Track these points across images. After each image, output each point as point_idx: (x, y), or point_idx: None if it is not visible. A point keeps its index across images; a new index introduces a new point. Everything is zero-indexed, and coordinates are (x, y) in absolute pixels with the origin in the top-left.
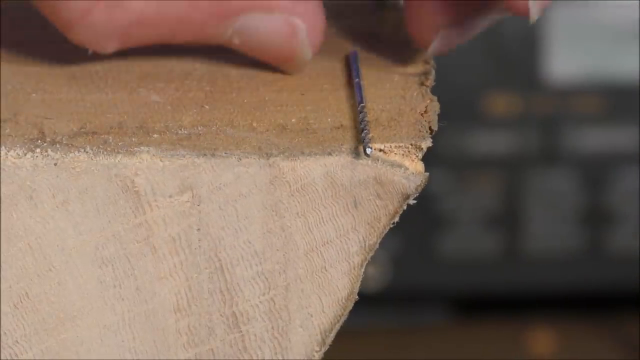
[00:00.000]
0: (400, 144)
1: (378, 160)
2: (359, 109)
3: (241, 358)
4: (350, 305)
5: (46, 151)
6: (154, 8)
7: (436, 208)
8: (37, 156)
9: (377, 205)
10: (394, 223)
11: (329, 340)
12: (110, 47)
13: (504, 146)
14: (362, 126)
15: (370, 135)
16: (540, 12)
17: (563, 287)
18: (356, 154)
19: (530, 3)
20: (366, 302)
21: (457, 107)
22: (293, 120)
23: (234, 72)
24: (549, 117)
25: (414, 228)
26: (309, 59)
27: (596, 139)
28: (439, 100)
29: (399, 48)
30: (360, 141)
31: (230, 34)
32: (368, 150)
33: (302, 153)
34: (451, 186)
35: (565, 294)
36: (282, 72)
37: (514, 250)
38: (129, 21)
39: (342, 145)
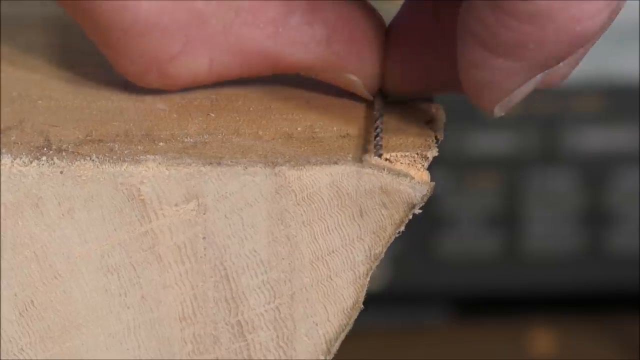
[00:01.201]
0: (406, 153)
1: (384, 169)
2: (377, 114)
3: None
4: (356, 315)
5: (52, 159)
6: (205, 74)
7: (436, 208)
8: (43, 164)
9: (382, 215)
10: (399, 232)
11: (334, 350)
12: (173, 90)
13: (504, 146)
14: (376, 132)
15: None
16: (503, 112)
17: (563, 287)
18: (361, 163)
19: (497, 108)
20: (366, 302)
21: (457, 107)
22: (299, 128)
23: (240, 80)
24: (549, 117)
25: (414, 228)
26: (371, 98)
27: (596, 139)
28: (439, 100)
29: None
30: (370, 149)
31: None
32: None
33: (308, 162)
34: (451, 186)
35: (565, 294)
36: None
37: (514, 250)
38: (184, 84)
39: (348, 154)
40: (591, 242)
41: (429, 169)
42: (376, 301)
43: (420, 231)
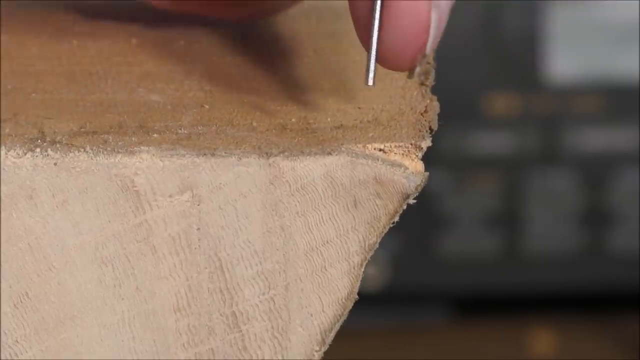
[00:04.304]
0: (400, 144)
1: (378, 159)
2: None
3: (241, 358)
4: (350, 305)
5: (46, 151)
6: None
7: (436, 208)
8: (37, 156)
9: (376, 205)
10: (394, 223)
11: (329, 340)
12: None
13: (504, 146)
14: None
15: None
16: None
17: (563, 287)
18: (356, 153)
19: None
20: (366, 302)
21: (457, 107)
22: (293, 119)
23: (234, 72)
24: (549, 117)
25: (414, 228)
26: None
27: (596, 139)
28: (439, 100)
29: None
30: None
31: None
32: (370, 81)
33: (302, 152)
34: (451, 186)
35: (565, 294)
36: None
37: (514, 250)
38: None
39: (341, 144)
40: (591, 242)
41: (429, 166)
42: (376, 301)
43: (420, 231)
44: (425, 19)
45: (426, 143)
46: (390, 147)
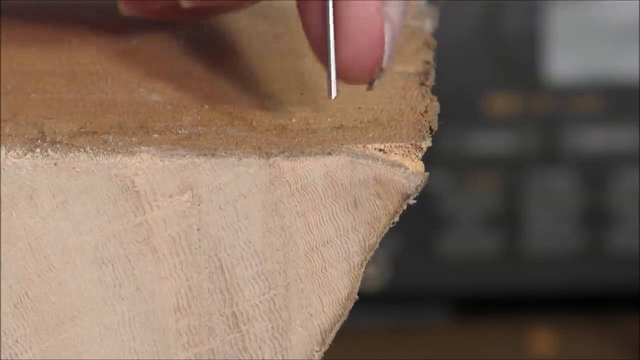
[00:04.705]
0: (400, 144)
1: (378, 160)
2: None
3: (241, 358)
4: (350, 305)
5: (46, 151)
6: None
7: (436, 208)
8: (37, 156)
9: (377, 205)
10: (394, 223)
11: (329, 340)
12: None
13: (504, 146)
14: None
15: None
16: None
17: (563, 287)
18: (356, 153)
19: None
20: (366, 302)
21: (457, 107)
22: (293, 120)
23: (234, 72)
24: (549, 117)
25: (414, 228)
26: None
27: (596, 139)
28: (439, 100)
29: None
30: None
31: None
32: (333, 93)
33: (302, 153)
34: (451, 186)
35: (565, 294)
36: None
37: (514, 250)
38: None
39: (342, 145)
40: (591, 242)
41: (429, 166)
42: (376, 301)
43: (420, 231)
44: (379, 35)
45: (426, 143)
46: (391, 147)
